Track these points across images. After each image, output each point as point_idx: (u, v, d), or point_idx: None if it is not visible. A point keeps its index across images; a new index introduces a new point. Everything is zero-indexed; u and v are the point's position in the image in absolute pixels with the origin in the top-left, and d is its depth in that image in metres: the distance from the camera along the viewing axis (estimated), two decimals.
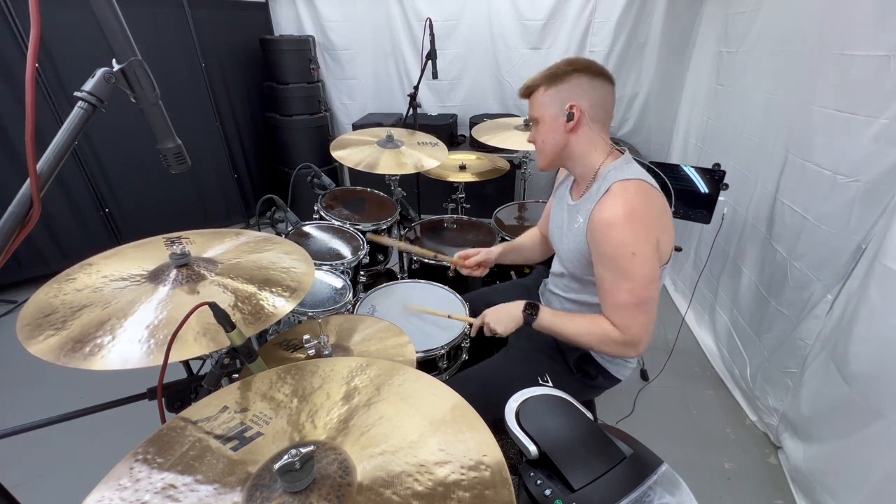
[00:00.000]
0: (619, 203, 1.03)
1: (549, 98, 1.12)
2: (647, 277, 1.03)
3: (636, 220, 1.02)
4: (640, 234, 1.02)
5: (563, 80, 1.10)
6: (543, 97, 1.13)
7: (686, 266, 2.65)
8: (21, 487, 1.64)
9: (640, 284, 1.03)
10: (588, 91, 1.10)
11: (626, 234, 1.02)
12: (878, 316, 1.25)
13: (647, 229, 1.03)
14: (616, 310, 1.07)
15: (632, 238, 1.02)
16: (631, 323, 1.05)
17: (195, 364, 1.27)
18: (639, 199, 1.05)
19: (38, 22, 0.59)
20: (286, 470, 0.58)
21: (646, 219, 1.04)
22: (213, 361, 0.93)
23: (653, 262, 1.04)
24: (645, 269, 1.02)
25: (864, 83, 1.36)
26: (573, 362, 1.26)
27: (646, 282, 1.03)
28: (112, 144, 2.74)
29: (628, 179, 1.06)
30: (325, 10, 3.59)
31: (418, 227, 2.17)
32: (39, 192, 0.64)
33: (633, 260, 1.01)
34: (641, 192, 1.06)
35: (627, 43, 3.21)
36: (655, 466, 0.78)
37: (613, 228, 1.03)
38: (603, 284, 1.09)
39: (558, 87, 1.11)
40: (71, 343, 0.82)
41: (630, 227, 1.02)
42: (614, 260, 1.04)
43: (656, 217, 1.07)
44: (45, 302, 0.93)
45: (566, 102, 1.10)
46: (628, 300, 1.04)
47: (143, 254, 1.10)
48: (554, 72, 1.11)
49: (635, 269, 1.02)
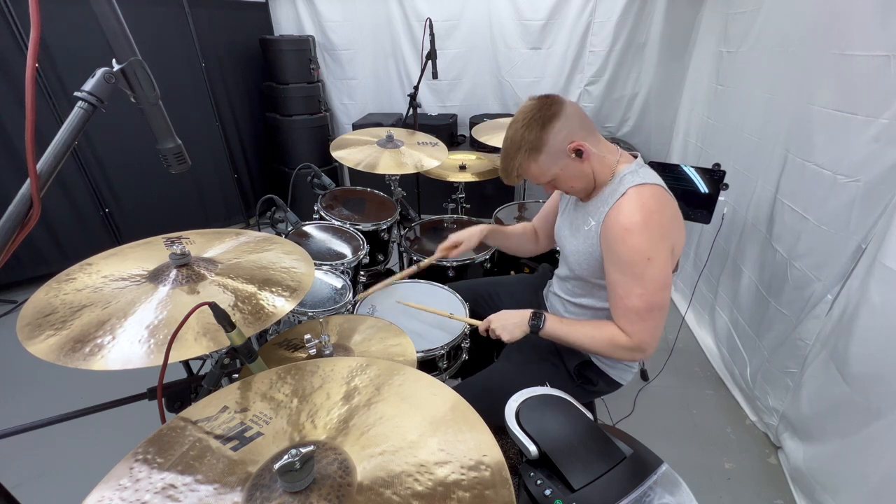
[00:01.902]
0: (637, 208, 1.03)
1: (545, 162, 1.08)
2: (660, 283, 1.03)
3: (653, 225, 1.02)
4: (656, 239, 1.02)
5: (542, 142, 1.06)
6: (539, 167, 1.09)
7: (686, 266, 2.65)
8: (21, 487, 1.64)
9: (651, 290, 1.03)
10: (568, 126, 1.06)
11: (643, 240, 1.02)
12: (878, 316, 1.25)
13: (663, 235, 1.04)
14: (627, 314, 1.07)
15: (648, 243, 1.02)
16: (640, 328, 1.05)
17: (195, 364, 1.27)
18: (655, 204, 1.05)
19: (38, 22, 0.59)
20: (286, 470, 0.58)
21: (662, 224, 1.04)
22: (213, 361, 0.93)
23: (667, 267, 1.04)
24: (659, 274, 1.02)
25: (864, 83, 1.36)
26: (573, 369, 1.26)
27: (658, 287, 1.03)
28: (112, 144, 2.74)
29: (645, 184, 1.06)
30: (325, 9, 3.59)
31: (418, 227, 2.17)
32: (39, 192, 0.64)
33: (648, 265, 1.01)
34: (658, 198, 1.06)
35: (627, 43, 3.22)
36: (655, 466, 0.78)
37: (631, 233, 1.02)
38: (615, 288, 1.08)
39: (544, 149, 1.07)
40: (71, 343, 0.82)
41: (647, 233, 1.02)
42: (629, 265, 1.03)
43: (671, 222, 1.07)
44: (44, 302, 0.93)
45: (565, 148, 1.07)
46: (639, 305, 1.04)
47: (142, 254, 1.10)
48: (528, 144, 1.06)
49: (649, 274, 1.02)
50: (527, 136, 1.06)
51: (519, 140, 1.07)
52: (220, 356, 0.91)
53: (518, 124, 1.08)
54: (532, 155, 1.07)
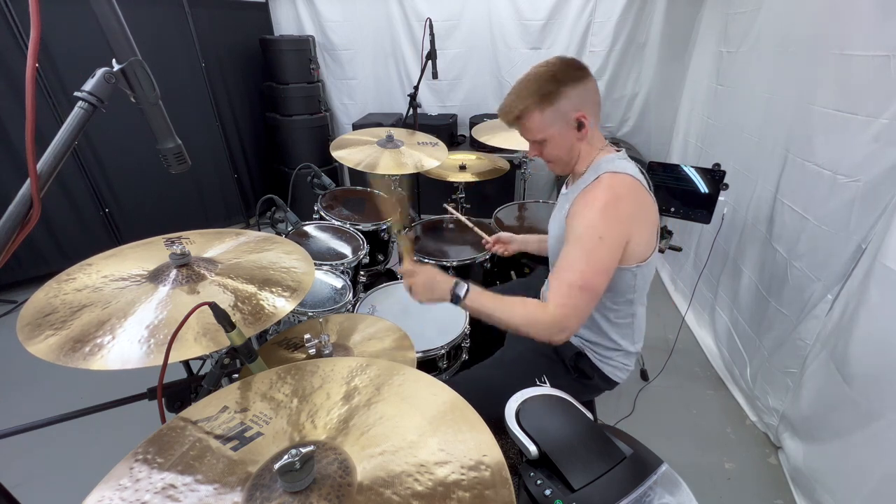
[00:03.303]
0: (604, 189, 1.05)
1: (549, 117, 1.09)
2: (603, 266, 1.04)
3: (613, 209, 1.04)
4: (612, 222, 1.04)
5: (556, 96, 1.06)
6: (542, 119, 1.09)
7: (686, 266, 2.65)
8: (21, 487, 1.63)
9: (593, 270, 1.03)
10: (583, 96, 1.08)
11: (600, 218, 1.03)
12: (878, 316, 1.25)
13: (620, 220, 1.05)
14: (560, 286, 1.05)
15: (604, 223, 1.03)
16: (565, 302, 1.03)
17: (195, 364, 1.27)
18: (623, 191, 1.06)
19: (38, 22, 0.59)
20: (286, 470, 0.58)
21: (623, 211, 1.05)
22: (213, 361, 0.93)
23: (614, 254, 1.05)
24: (605, 257, 1.03)
25: (864, 83, 1.36)
26: (569, 361, 1.26)
27: (600, 269, 1.03)
28: (112, 144, 2.74)
29: (618, 173, 1.07)
30: (325, 9, 3.59)
31: (418, 227, 2.17)
32: (39, 192, 0.64)
33: (598, 245, 1.03)
34: (627, 186, 1.07)
35: (627, 43, 3.21)
36: (655, 466, 0.78)
37: (591, 209, 1.04)
38: (561, 261, 1.08)
39: (556, 104, 1.07)
40: (71, 343, 0.82)
41: (606, 213, 1.03)
42: (581, 239, 1.05)
43: (635, 213, 1.07)
44: (44, 302, 0.93)
45: (570, 115, 1.08)
46: (576, 280, 1.03)
47: (143, 254, 1.10)
48: (544, 91, 1.07)
49: (596, 253, 1.03)
50: (546, 85, 1.06)
51: (536, 85, 1.07)
52: (220, 356, 0.91)
53: (542, 70, 1.08)
54: (542, 104, 1.07)
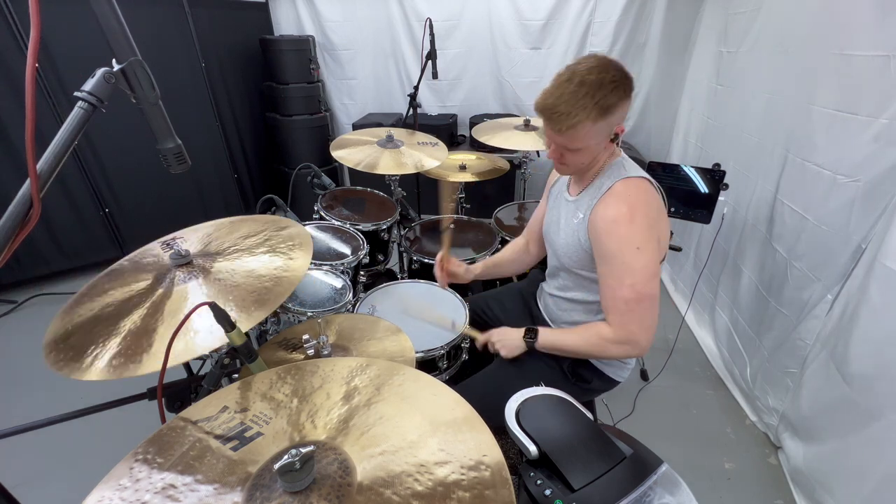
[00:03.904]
0: (623, 199, 1.06)
1: (598, 129, 1.03)
2: (650, 272, 1.04)
3: (640, 215, 1.04)
4: (644, 229, 1.04)
5: (614, 109, 1.01)
6: (592, 130, 1.03)
7: (686, 266, 2.65)
8: (21, 487, 1.63)
9: (641, 279, 1.03)
10: (626, 108, 1.05)
11: (631, 230, 1.03)
12: (878, 316, 1.25)
13: (650, 225, 1.05)
14: (616, 305, 1.07)
15: (637, 233, 1.03)
16: (629, 319, 1.06)
17: (195, 364, 1.27)
18: (642, 195, 1.07)
19: (38, 22, 0.59)
20: (286, 470, 0.58)
21: (649, 215, 1.06)
22: (213, 361, 0.93)
23: (656, 257, 1.06)
24: (649, 263, 1.04)
25: (864, 83, 1.36)
26: (567, 368, 1.26)
27: (648, 276, 1.04)
28: (112, 144, 2.74)
29: (631, 177, 1.08)
30: (325, 10, 3.59)
31: (418, 227, 2.17)
32: (39, 192, 0.64)
33: (637, 255, 1.03)
34: (644, 190, 1.08)
35: (627, 43, 3.21)
36: (655, 466, 0.78)
37: (618, 224, 1.04)
38: (606, 281, 1.09)
39: (609, 118, 1.02)
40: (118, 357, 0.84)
41: (635, 223, 1.04)
42: (618, 255, 1.05)
43: (657, 214, 1.09)
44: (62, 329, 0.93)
45: (613, 127, 1.06)
46: (630, 295, 1.04)
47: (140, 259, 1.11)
48: (605, 104, 0.99)
49: (640, 263, 1.03)
50: (609, 97, 0.99)
51: (600, 94, 0.98)
52: (220, 356, 0.91)
53: (605, 78, 0.98)
54: (598, 116, 1.00)
